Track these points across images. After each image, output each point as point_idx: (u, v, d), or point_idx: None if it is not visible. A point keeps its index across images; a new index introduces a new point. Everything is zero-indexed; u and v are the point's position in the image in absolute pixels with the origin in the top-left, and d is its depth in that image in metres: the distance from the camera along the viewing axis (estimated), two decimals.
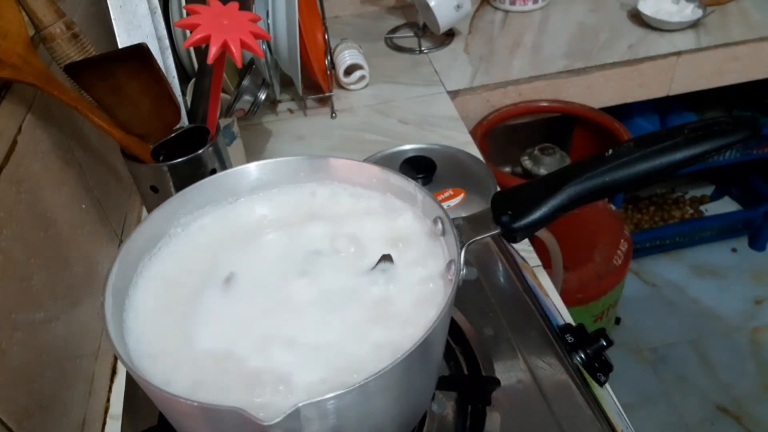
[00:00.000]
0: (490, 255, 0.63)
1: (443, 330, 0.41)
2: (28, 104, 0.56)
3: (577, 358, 0.54)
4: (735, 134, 0.40)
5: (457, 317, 0.55)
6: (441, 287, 0.41)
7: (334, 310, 0.41)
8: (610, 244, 1.34)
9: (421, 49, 1.29)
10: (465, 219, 0.43)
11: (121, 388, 0.63)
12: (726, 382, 1.56)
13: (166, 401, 0.34)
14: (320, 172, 0.49)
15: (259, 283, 0.43)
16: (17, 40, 0.51)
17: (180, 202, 0.46)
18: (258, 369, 0.37)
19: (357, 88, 1.16)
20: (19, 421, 0.46)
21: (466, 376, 0.51)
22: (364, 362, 0.37)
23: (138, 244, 0.44)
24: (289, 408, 0.30)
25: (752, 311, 1.72)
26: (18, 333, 0.47)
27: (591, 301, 1.35)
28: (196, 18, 0.52)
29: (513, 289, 0.60)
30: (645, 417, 1.50)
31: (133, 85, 0.55)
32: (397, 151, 0.74)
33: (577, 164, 0.42)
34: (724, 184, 2.00)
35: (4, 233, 0.47)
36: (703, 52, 1.25)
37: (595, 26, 1.35)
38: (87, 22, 0.73)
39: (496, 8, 1.44)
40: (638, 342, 1.67)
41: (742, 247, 1.89)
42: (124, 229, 0.76)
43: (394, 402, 0.38)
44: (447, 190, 0.67)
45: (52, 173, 0.58)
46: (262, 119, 1.09)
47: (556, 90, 1.24)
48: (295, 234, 0.47)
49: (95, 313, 0.62)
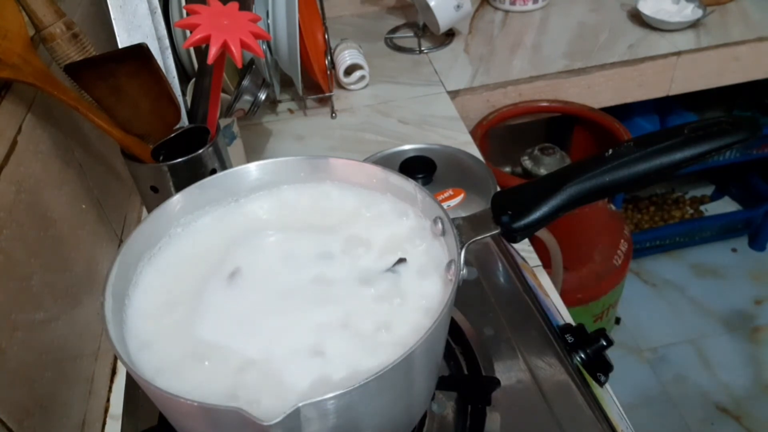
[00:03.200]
0: (490, 255, 0.63)
1: (443, 330, 0.41)
2: (28, 104, 0.56)
3: (577, 358, 0.54)
4: (735, 134, 0.40)
5: (457, 317, 0.55)
6: (441, 287, 0.41)
7: (335, 311, 0.41)
8: (610, 244, 1.34)
9: (421, 49, 1.29)
10: (465, 219, 0.43)
11: (121, 388, 0.63)
12: (726, 382, 1.56)
13: (166, 401, 0.34)
14: (320, 172, 0.49)
15: (260, 285, 0.43)
16: (17, 40, 0.51)
17: (180, 202, 0.46)
18: (259, 370, 0.37)
19: (357, 88, 1.16)
20: (19, 421, 0.46)
21: (466, 376, 0.51)
22: (365, 363, 0.37)
23: (138, 244, 0.43)
24: (289, 408, 0.30)
25: (752, 311, 1.72)
26: (18, 333, 0.47)
27: (591, 301, 1.35)
28: (196, 18, 0.52)
29: (513, 289, 0.60)
30: (645, 417, 1.50)
31: (133, 85, 0.55)
32: (397, 151, 0.74)
33: (577, 164, 0.42)
34: (724, 184, 2.00)
35: (4, 233, 0.47)
36: (703, 52, 1.25)
37: (595, 26, 1.35)
38: (87, 22, 0.73)
39: (496, 8, 1.44)
40: (638, 342, 1.67)
41: (742, 247, 1.89)
42: (124, 229, 0.76)
43: (394, 402, 0.38)
44: (447, 190, 0.67)
45: (52, 173, 0.58)
46: (262, 119, 1.09)
47: (556, 90, 1.24)
48: (295, 234, 0.47)
49: (95, 313, 0.62)
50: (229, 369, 0.38)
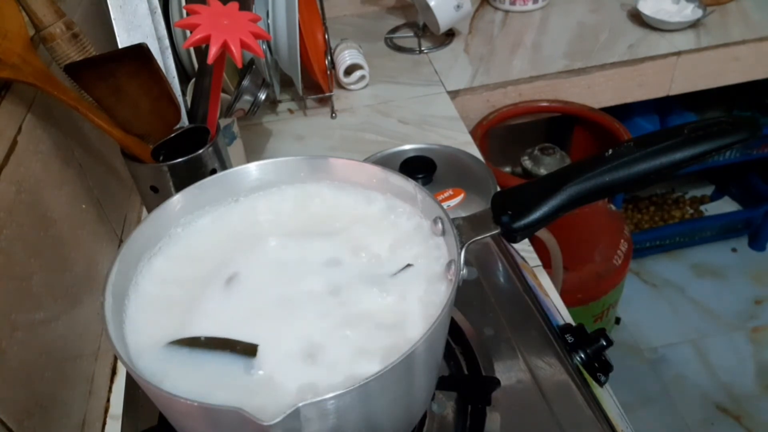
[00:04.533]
0: (490, 255, 0.63)
1: (443, 330, 0.41)
2: (28, 104, 0.56)
3: (577, 358, 0.54)
4: (735, 134, 0.40)
5: (457, 317, 0.55)
6: (441, 287, 0.41)
7: (334, 312, 0.41)
8: (610, 244, 1.34)
9: (421, 49, 1.29)
10: (465, 219, 0.43)
11: (121, 388, 0.63)
12: (726, 382, 1.56)
13: (166, 401, 0.34)
14: (320, 172, 0.49)
15: (261, 285, 0.43)
16: (17, 40, 0.51)
17: (180, 202, 0.46)
18: (261, 370, 0.37)
19: (357, 88, 1.16)
20: (19, 421, 0.46)
21: (466, 376, 0.51)
22: (365, 366, 0.37)
23: (138, 244, 0.43)
24: (289, 408, 0.30)
25: (752, 311, 1.72)
26: (18, 333, 0.47)
27: (591, 301, 1.35)
28: (196, 18, 0.52)
29: (513, 289, 0.60)
30: (645, 417, 1.50)
31: (133, 85, 0.55)
32: (397, 151, 0.74)
33: (577, 164, 0.42)
34: (724, 184, 2.00)
35: (4, 233, 0.47)
36: (703, 52, 1.25)
37: (595, 26, 1.35)
38: (87, 22, 0.73)
39: (496, 8, 1.44)
40: (638, 342, 1.67)
41: (742, 247, 1.89)
42: (124, 229, 0.76)
43: (394, 402, 0.38)
44: (447, 190, 0.67)
45: (52, 173, 0.58)
46: (262, 119, 1.09)
47: (556, 90, 1.24)
48: (294, 237, 0.47)
49: (95, 313, 0.62)
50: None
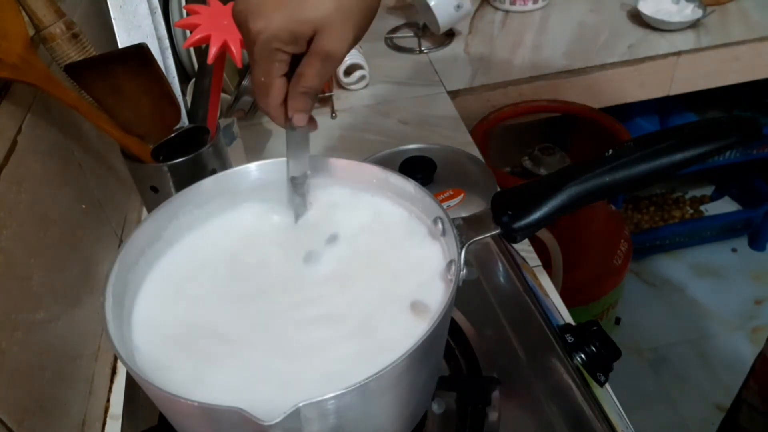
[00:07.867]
0: (490, 255, 0.63)
1: (443, 330, 0.41)
2: (28, 104, 0.56)
3: (577, 358, 0.54)
4: (735, 134, 0.40)
5: (457, 317, 0.55)
6: (441, 287, 0.41)
7: (333, 312, 0.41)
8: (610, 244, 1.34)
9: (421, 49, 1.29)
10: (465, 219, 0.43)
11: (121, 388, 0.63)
12: (726, 382, 1.56)
13: (166, 401, 0.34)
14: (320, 172, 0.49)
15: (261, 285, 0.43)
16: (17, 40, 0.51)
17: (180, 202, 0.46)
18: (262, 370, 0.37)
19: (357, 88, 1.16)
20: (19, 421, 0.46)
21: (466, 376, 0.51)
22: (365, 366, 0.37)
23: (138, 244, 0.43)
24: (289, 408, 0.30)
25: (752, 311, 1.72)
26: (18, 333, 0.47)
27: (591, 301, 1.35)
28: (196, 18, 0.52)
29: (513, 289, 0.60)
30: (645, 417, 1.50)
31: (133, 85, 0.55)
32: (397, 151, 0.74)
33: (578, 164, 0.42)
34: (724, 184, 2.00)
35: (4, 233, 0.47)
36: (703, 52, 1.25)
37: (595, 26, 1.35)
38: (87, 22, 0.73)
39: (496, 8, 1.44)
40: (638, 342, 1.67)
41: (742, 247, 1.89)
42: (124, 229, 0.76)
43: (394, 402, 0.38)
44: (447, 190, 0.67)
45: (52, 173, 0.58)
46: (262, 119, 1.09)
47: (556, 90, 1.24)
48: (295, 234, 0.47)
49: (95, 313, 0.62)
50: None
